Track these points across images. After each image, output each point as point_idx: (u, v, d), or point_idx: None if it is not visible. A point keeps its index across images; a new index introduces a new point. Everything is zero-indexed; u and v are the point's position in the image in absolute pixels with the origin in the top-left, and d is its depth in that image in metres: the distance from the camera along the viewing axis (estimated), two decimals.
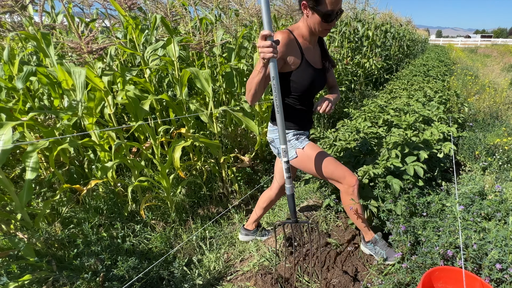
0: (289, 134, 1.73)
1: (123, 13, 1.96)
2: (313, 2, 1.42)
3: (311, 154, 1.69)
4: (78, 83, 1.53)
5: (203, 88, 2.18)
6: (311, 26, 1.50)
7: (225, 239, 2.36)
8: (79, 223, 2.01)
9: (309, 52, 1.60)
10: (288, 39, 1.47)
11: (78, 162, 2.34)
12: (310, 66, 1.59)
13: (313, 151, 1.69)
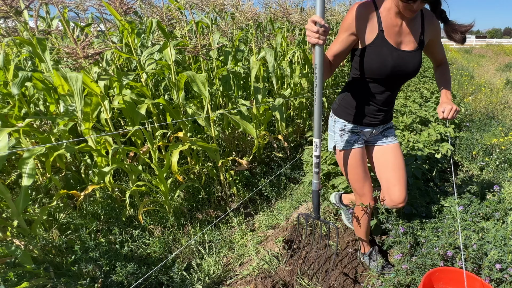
0: (337, 124, 1.55)
1: (118, 18, 1.97)
2: None
3: (344, 160, 1.59)
4: (76, 89, 1.53)
5: (200, 91, 2.19)
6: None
7: (224, 243, 2.36)
8: (76, 229, 2.00)
9: (393, 29, 1.32)
10: (360, 12, 1.28)
11: (74, 167, 2.33)
12: (387, 45, 1.32)
13: (346, 159, 1.58)
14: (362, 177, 1.61)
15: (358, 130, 1.54)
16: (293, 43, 3.75)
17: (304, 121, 4.31)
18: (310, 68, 4.11)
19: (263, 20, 4.12)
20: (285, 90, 3.54)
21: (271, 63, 2.73)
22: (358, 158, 1.58)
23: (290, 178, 3.41)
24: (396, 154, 1.61)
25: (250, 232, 2.54)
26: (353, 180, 1.63)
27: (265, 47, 2.74)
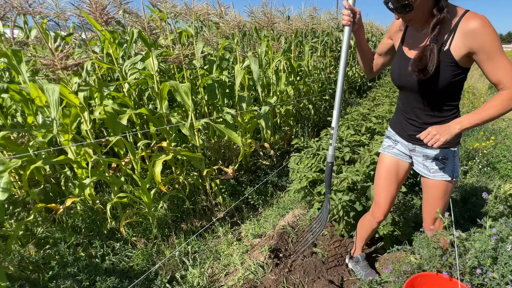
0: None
1: (99, 28, 1.97)
2: None
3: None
4: (52, 100, 1.53)
5: (183, 101, 2.20)
6: None
7: (210, 253, 2.35)
8: (55, 243, 1.96)
9: (412, 35, 1.33)
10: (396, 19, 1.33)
11: (54, 179, 2.29)
12: (400, 53, 1.35)
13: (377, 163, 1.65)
14: (381, 185, 1.61)
15: (390, 135, 1.57)
16: (279, 51, 3.81)
17: (291, 128, 4.35)
18: (295, 76, 4.18)
19: (249, 28, 4.18)
20: (271, 98, 3.58)
21: (256, 71, 2.76)
22: (383, 164, 1.58)
23: (277, 186, 3.43)
24: (432, 193, 1.47)
25: (236, 241, 2.54)
26: (374, 184, 1.68)
27: (250, 56, 2.78)
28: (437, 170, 1.42)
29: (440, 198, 1.48)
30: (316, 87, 5.09)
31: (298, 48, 4.94)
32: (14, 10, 2.04)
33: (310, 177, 2.65)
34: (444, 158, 1.40)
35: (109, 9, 1.94)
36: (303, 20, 4.84)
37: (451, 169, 1.39)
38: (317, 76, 5.41)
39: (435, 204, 1.50)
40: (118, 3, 2.58)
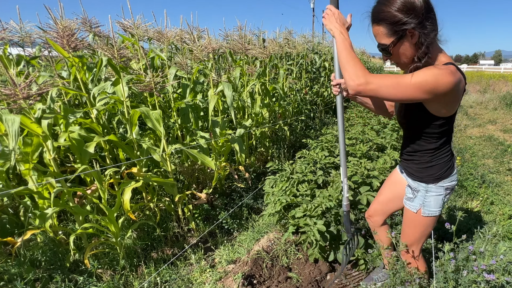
0: None
1: (66, 55, 1.98)
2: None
3: None
4: (11, 131, 1.50)
5: (154, 127, 2.22)
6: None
7: (181, 282, 2.30)
8: (10, 279, 1.85)
9: None
10: None
11: (12, 209, 2.19)
12: None
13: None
14: (380, 189, 1.88)
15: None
16: (254, 75, 3.94)
17: (267, 149, 4.43)
18: (270, 99, 4.31)
19: (225, 52, 4.31)
20: (246, 121, 3.66)
21: (229, 97, 2.84)
22: (392, 173, 1.83)
23: (252, 209, 3.44)
24: (404, 219, 1.63)
25: (210, 268, 2.51)
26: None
27: (223, 82, 2.86)
28: (407, 197, 1.55)
29: (407, 225, 1.61)
30: (291, 108, 5.26)
31: (274, 70, 5.12)
32: None
33: (284, 201, 2.70)
34: (415, 190, 1.51)
35: (78, 35, 1.96)
36: (278, 44, 5.06)
37: (420, 203, 1.49)
38: (293, 97, 5.60)
39: (404, 231, 1.64)
40: (88, 26, 2.60)
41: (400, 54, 1.28)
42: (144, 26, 2.52)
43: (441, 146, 1.40)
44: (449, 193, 1.50)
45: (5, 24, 2.33)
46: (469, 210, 3.46)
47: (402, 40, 1.23)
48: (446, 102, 1.23)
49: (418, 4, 1.17)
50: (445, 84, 1.15)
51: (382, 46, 1.28)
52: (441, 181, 1.43)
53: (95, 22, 2.78)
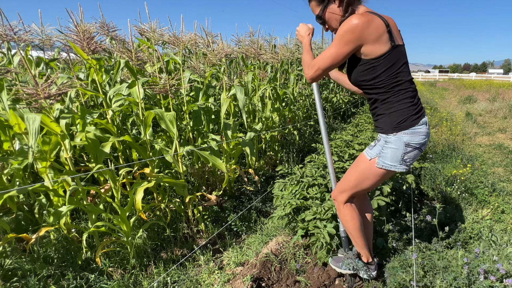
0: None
1: (85, 57, 2.00)
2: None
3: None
4: (32, 129, 1.51)
5: (167, 129, 2.21)
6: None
7: (190, 283, 2.27)
8: (24, 275, 1.85)
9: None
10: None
11: (27, 206, 2.21)
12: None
13: None
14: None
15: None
16: (265, 80, 3.93)
17: (276, 153, 4.40)
18: (281, 103, 4.29)
19: (236, 57, 4.32)
20: (256, 124, 3.64)
21: (241, 100, 2.83)
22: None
23: (261, 211, 3.40)
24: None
25: (218, 270, 2.47)
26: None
27: (236, 85, 2.85)
28: (369, 146, 1.64)
29: (352, 169, 1.68)
30: (301, 113, 5.22)
31: (284, 75, 5.10)
32: None
33: (294, 204, 2.66)
34: (377, 139, 1.59)
35: (97, 38, 1.98)
36: (289, 50, 5.04)
37: (377, 152, 1.54)
38: (302, 102, 5.56)
39: (345, 176, 1.72)
40: (106, 30, 2.63)
41: (331, 19, 1.52)
42: (160, 30, 2.54)
43: (392, 94, 1.46)
44: (411, 150, 1.48)
45: (27, 27, 2.37)
46: (480, 219, 3.35)
47: (328, 5, 1.48)
48: (362, 40, 1.36)
49: None
50: (349, 26, 1.34)
51: (317, 16, 1.54)
52: (400, 131, 1.45)
53: (112, 26, 2.82)
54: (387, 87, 1.45)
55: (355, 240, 1.84)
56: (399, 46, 1.43)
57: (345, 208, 1.74)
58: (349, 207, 1.73)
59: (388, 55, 1.39)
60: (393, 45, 1.38)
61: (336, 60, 1.43)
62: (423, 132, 1.48)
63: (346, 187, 1.69)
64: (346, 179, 1.70)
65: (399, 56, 1.42)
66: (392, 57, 1.40)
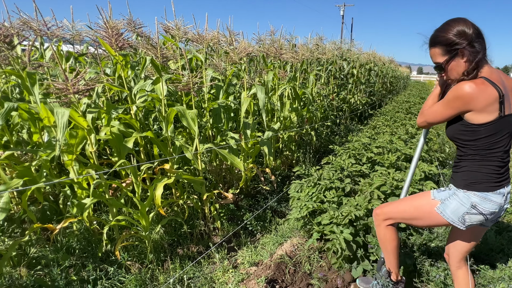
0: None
1: (113, 54, 2.00)
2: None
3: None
4: (60, 123, 1.52)
5: (189, 126, 2.19)
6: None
7: (205, 281, 2.26)
8: (47, 264, 1.89)
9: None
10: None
11: (53, 197, 2.25)
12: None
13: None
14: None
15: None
16: (284, 79, 3.86)
17: (293, 153, 4.33)
18: (299, 103, 4.21)
19: (257, 55, 4.26)
20: (274, 124, 3.59)
21: (262, 99, 2.78)
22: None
23: (276, 211, 3.36)
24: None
25: (232, 269, 2.45)
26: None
27: (256, 84, 2.81)
28: (439, 189, 1.59)
29: (411, 198, 1.64)
30: (318, 113, 5.12)
31: (303, 75, 5.01)
32: (32, 32, 2.09)
33: (311, 207, 2.60)
34: (448, 187, 1.55)
35: (124, 36, 1.97)
36: (309, 49, 4.94)
37: (442, 198, 1.50)
38: (320, 103, 5.45)
39: (402, 200, 1.70)
40: (133, 27, 2.63)
41: (452, 71, 1.44)
42: (184, 28, 2.51)
43: (479, 156, 1.42)
44: (475, 214, 1.41)
45: (59, 23, 2.41)
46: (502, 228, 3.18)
47: (454, 58, 1.41)
48: (469, 108, 1.35)
49: (469, 31, 1.38)
50: (459, 92, 1.34)
51: (437, 64, 1.48)
52: (471, 190, 1.42)
53: (139, 23, 2.82)
54: (477, 148, 1.43)
55: (390, 260, 1.79)
56: (509, 116, 1.38)
57: (387, 229, 1.69)
58: (391, 228, 1.69)
59: (491, 125, 1.36)
60: (501, 115, 1.35)
61: (440, 119, 1.48)
62: (497, 202, 1.42)
63: (395, 214, 1.66)
64: (400, 206, 1.66)
65: (504, 126, 1.38)
66: (495, 126, 1.37)
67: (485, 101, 1.32)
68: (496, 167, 1.42)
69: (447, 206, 1.46)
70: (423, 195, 1.60)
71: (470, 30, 1.38)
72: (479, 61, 1.37)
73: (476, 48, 1.37)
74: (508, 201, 1.47)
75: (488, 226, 1.56)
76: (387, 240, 1.72)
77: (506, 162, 1.43)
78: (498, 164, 1.41)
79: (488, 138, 1.38)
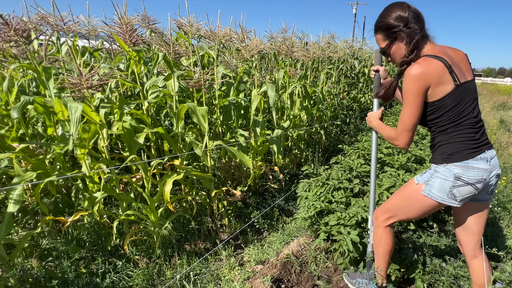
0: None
1: (126, 49, 1.99)
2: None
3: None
4: (73, 117, 1.52)
5: (199, 123, 2.18)
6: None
7: (211, 277, 2.26)
8: (58, 256, 1.91)
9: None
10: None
11: (65, 190, 2.27)
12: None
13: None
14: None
15: None
16: (295, 77, 3.80)
17: (302, 152, 4.28)
18: (309, 102, 4.15)
19: (268, 53, 4.21)
20: (284, 122, 3.54)
21: (272, 97, 2.74)
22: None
23: (283, 210, 3.33)
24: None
25: (238, 266, 2.44)
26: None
27: (267, 82, 2.76)
28: (421, 172, 1.61)
29: (398, 191, 1.63)
30: (328, 112, 5.05)
31: (314, 73, 4.93)
32: (49, 27, 2.09)
33: (318, 207, 2.56)
34: (429, 168, 1.54)
35: (138, 31, 1.96)
36: (320, 47, 4.85)
37: (425, 179, 1.48)
38: (330, 101, 5.37)
39: (392, 196, 1.67)
40: (147, 23, 2.62)
41: (395, 55, 1.50)
42: (197, 25, 2.48)
43: (449, 128, 1.42)
44: (461, 185, 1.37)
45: (76, 18, 2.42)
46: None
47: (394, 42, 1.46)
48: (427, 83, 1.35)
49: (404, 14, 1.42)
50: (412, 77, 1.34)
51: (381, 49, 1.54)
52: (450, 163, 1.39)
53: (152, 19, 2.80)
54: (446, 123, 1.42)
55: (380, 263, 1.75)
56: (465, 83, 1.38)
57: (384, 231, 1.66)
58: (388, 231, 1.66)
59: (452, 95, 1.36)
60: (457, 84, 1.35)
61: (416, 114, 1.41)
62: (480, 168, 1.37)
63: (389, 209, 1.63)
64: (391, 201, 1.64)
65: (465, 94, 1.38)
66: (456, 96, 1.36)
67: (435, 73, 1.33)
68: (470, 134, 1.40)
69: (431, 186, 1.44)
70: (407, 183, 1.59)
71: (406, 13, 1.41)
72: (418, 41, 1.41)
73: (413, 29, 1.41)
74: (496, 166, 1.42)
75: (486, 200, 1.50)
76: (381, 243, 1.69)
77: (478, 127, 1.42)
78: (470, 131, 1.40)
79: (453, 109, 1.38)
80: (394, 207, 1.61)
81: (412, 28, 1.41)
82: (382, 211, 1.67)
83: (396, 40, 1.46)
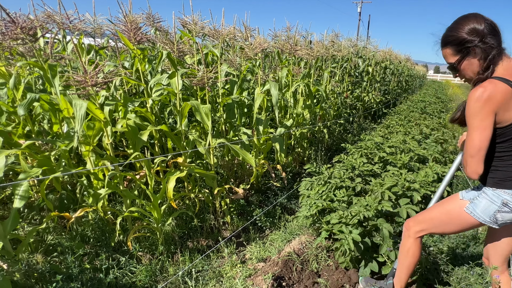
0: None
1: (131, 47, 1.99)
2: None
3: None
4: (78, 115, 1.53)
5: (202, 121, 2.18)
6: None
7: (213, 274, 2.27)
8: (63, 251, 1.93)
9: None
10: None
11: (70, 186, 2.29)
12: None
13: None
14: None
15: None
16: (298, 76, 3.79)
17: (304, 150, 4.27)
18: (313, 100, 4.13)
19: (272, 51, 4.19)
20: (287, 120, 3.53)
21: (275, 96, 2.73)
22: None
23: (285, 208, 3.33)
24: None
25: (240, 263, 2.45)
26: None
27: (270, 80, 2.75)
28: (467, 189, 1.53)
29: (440, 204, 1.56)
30: (332, 111, 5.02)
31: (317, 72, 4.91)
32: (55, 25, 2.10)
33: (320, 205, 2.55)
34: (476, 186, 1.49)
35: (143, 29, 1.96)
36: (324, 46, 4.82)
37: (471, 197, 1.44)
38: (333, 100, 5.34)
39: (431, 207, 1.63)
40: (151, 21, 2.62)
41: (466, 70, 1.37)
42: (201, 23, 2.48)
43: (507, 156, 1.36)
44: (507, 211, 1.34)
45: (82, 16, 2.43)
46: None
47: (466, 57, 1.34)
48: (496, 105, 1.26)
49: (480, 27, 1.28)
50: (479, 99, 1.25)
51: (450, 65, 1.41)
52: (500, 188, 1.36)
53: (157, 18, 2.81)
54: (504, 148, 1.36)
55: (402, 275, 1.70)
56: None
57: (414, 242, 1.60)
58: (418, 243, 1.60)
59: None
60: None
61: (486, 135, 1.29)
62: None
63: (425, 221, 1.57)
64: (428, 213, 1.58)
65: None
66: None
67: (502, 97, 1.25)
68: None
69: (476, 205, 1.39)
70: (451, 198, 1.52)
71: (481, 26, 1.28)
72: (494, 56, 1.28)
73: (489, 44, 1.28)
74: None
75: None
76: (409, 255, 1.62)
77: None
78: None
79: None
80: (432, 219, 1.54)
81: (488, 43, 1.28)
82: (416, 221, 1.61)
83: (469, 55, 1.32)
